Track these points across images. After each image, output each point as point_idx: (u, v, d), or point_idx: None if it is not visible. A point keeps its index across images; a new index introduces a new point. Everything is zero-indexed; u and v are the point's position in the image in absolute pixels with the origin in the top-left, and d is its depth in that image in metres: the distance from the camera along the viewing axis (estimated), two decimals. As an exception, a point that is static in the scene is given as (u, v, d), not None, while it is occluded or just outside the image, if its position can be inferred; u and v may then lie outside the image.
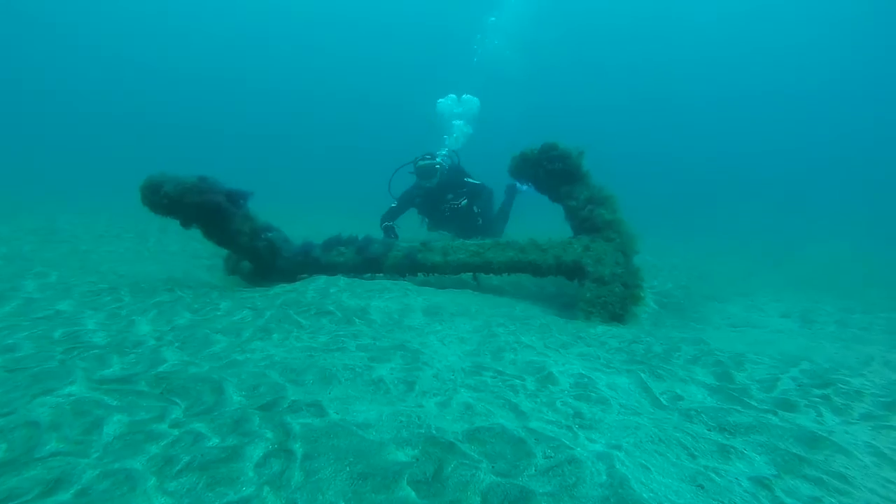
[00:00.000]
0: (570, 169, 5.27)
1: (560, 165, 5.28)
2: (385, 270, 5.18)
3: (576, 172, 5.28)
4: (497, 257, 5.01)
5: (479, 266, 5.07)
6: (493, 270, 5.05)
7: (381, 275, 5.28)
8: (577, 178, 5.30)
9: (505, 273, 5.09)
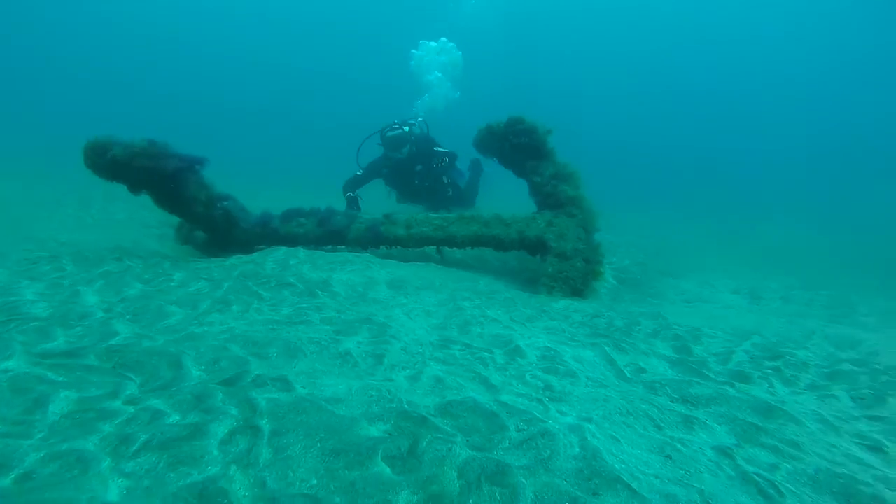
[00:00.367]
0: (536, 144, 5.26)
1: (526, 139, 5.26)
2: (347, 243, 5.07)
3: (542, 148, 5.28)
4: (461, 231, 4.98)
5: (442, 240, 5.02)
6: (457, 244, 5.02)
7: (342, 247, 5.16)
8: (543, 154, 5.30)
9: (468, 247, 5.08)
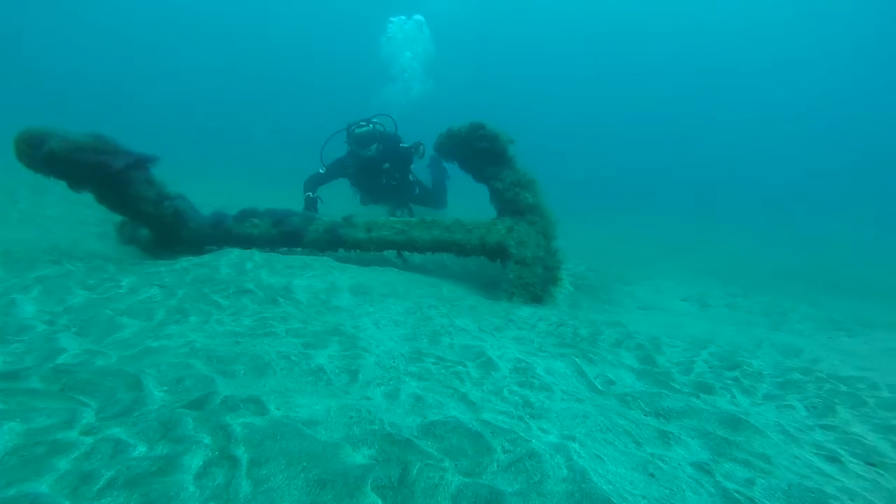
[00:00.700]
0: (498, 150, 5.29)
1: (487, 145, 5.28)
2: (304, 245, 4.91)
3: (503, 154, 5.31)
4: (422, 236, 4.93)
5: (403, 244, 4.96)
6: (418, 249, 4.97)
7: (298, 249, 5.00)
8: (504, 161, 5.34)
9: (429, 252, 5.04)
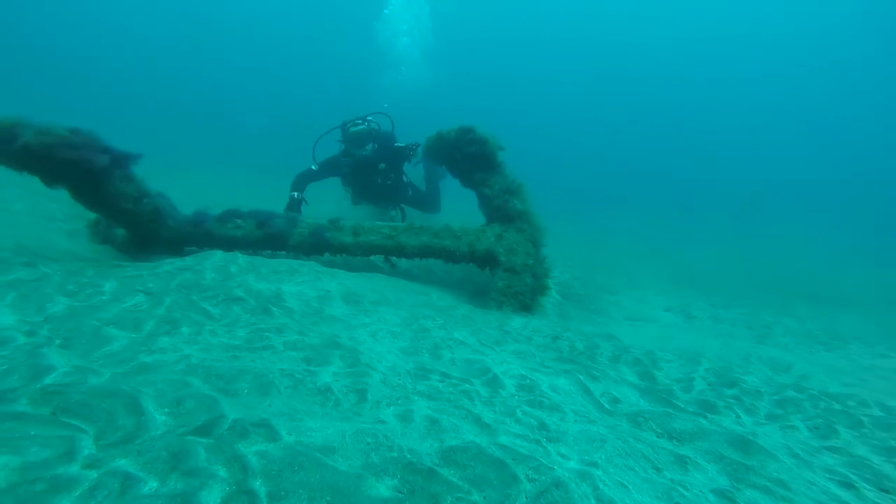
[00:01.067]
0: (487, 154, 5.24)
1: (476, 149, 5.23)
2: (288, 249, 4.77)
3: (492, 159, 5.27)
4: (410, 241, 4.86)
5: (390, 249, 4.87)
6: (406, 254, 4.90)
7: (282, 252, 4.85)
8: (493, 166, 5.29)
9: (417, 258, 4.97)
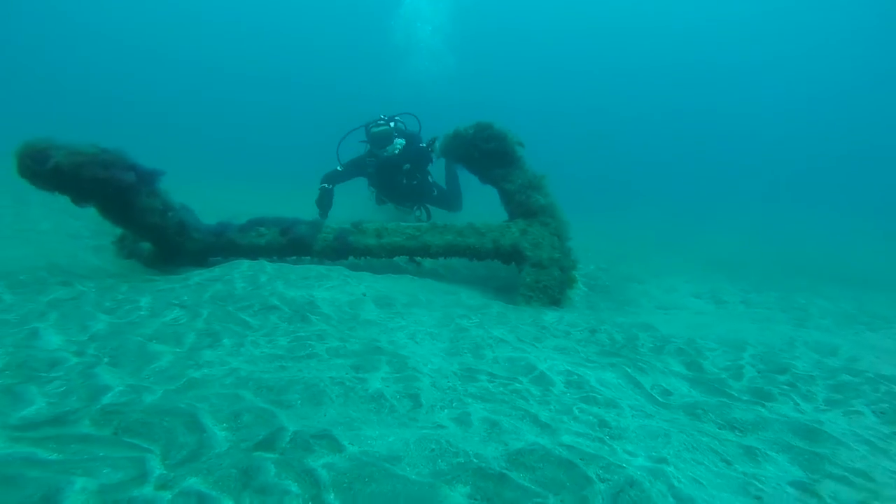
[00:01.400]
0: (506, 149, 5.19)
1: (495, 145, 5.18)
2: (314, 254, 4.75)
3: (511, 154, 5.21)
4: (435, 241, 4.82)
5: (415, 249, 4.84)
6: (431, 254, 4.86)
7: (306, 258, 4.84)
8: (512, 161, 5.24)
9: (442, 257, 4.94)
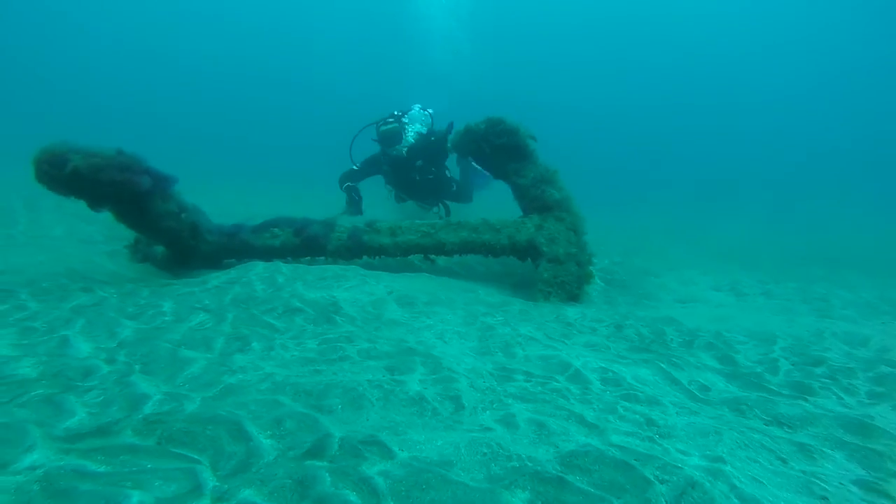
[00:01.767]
0: (518, 144, 5.13)
1: (507, 140, 5.12)
2: (328, 254, 4.71)
3: (523, 148, 5.16)
4: (450, 238, 4.77)
5: (430, 247, 4.80)
6: (446, 252, 4.81)
7: (320, 258, 4.80)
8: (525, 155, 5.18)
9: (457, 254, 4.88)
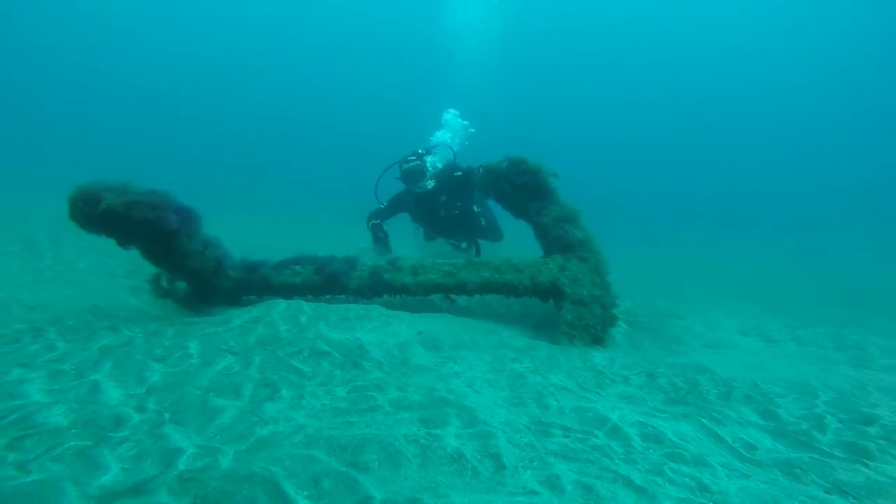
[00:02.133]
0: (539, 183, 5.14)
1: (528, 179, 5.14)
2: (349, 293, 4.67)
3: (545, 187, 5.16)
4: (471, 278, 4.72)
5: (452, 287, 4.74)
6: (467, 292, 4.75)
7: (341, 296, 4.77)
8: (546, 194, 5.18)
9: (479, 294, 4.83)
